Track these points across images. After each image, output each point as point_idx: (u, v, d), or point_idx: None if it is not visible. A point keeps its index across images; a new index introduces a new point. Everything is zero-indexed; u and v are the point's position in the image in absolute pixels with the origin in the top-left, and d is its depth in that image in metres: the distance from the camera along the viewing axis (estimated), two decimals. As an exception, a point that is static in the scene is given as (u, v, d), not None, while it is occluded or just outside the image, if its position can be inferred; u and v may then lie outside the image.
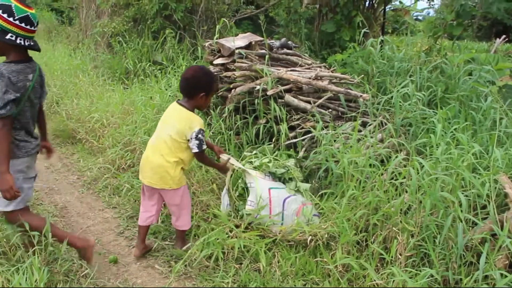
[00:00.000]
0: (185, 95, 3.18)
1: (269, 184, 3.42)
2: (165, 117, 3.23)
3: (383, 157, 3.65)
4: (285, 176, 3.52)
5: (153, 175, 3.14)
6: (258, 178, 3.41)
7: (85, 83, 6.99)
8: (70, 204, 4.31)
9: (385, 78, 4.86)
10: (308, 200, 3.45)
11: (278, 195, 3.36)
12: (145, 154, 3.24)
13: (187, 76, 3.15)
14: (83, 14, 11.38)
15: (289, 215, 3.31)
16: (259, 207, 3.29)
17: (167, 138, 3.08)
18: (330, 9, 8.03)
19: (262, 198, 3.31)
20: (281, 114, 4.01)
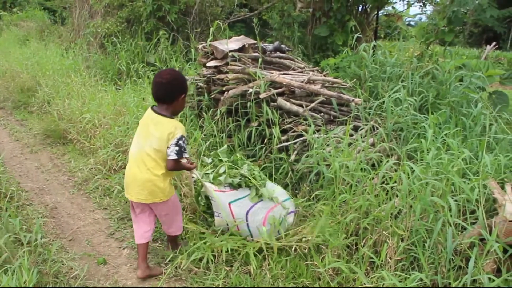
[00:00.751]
0: (165, 100, 2.98)
1: (228, 198, 3.29)
2: (144, 128, 3.01)
3: (374, 161, 3.67)
4: (244, 183, 3.37)
5: (141, 191, 2.98)
6: (216, 193, 3.28)
7: (77, 83, 6.95)
8: (60, 205, 4.28)
9: (377, 82, 4.90)
10: (275, 203, 3.36)
11: (239, 209, 3.26)
12: (129, 170, 3.05)
13: (166, 80, 2.95)
14: (76, 13, 11.33)
15: (254, 227, 3.25)
16: (224, 224, 3.29)
17: (151, 151, 2.92)
18: (323, 13, 8.08)
19: (226, 213, 3.25)
20: (274, 117, 4.02)
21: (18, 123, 6.93)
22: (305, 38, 8.22)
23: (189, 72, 6.07)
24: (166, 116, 2.97)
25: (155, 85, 2.98)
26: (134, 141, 3.05)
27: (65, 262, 3.26)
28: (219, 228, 3.34)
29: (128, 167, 3.07)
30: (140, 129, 3.05)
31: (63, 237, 3.71)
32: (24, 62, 8.71)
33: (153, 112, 2.98)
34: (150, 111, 3.02)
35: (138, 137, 3.03)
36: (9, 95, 7.94)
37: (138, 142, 3.01)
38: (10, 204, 3.90)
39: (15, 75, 8.33)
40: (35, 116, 7.04)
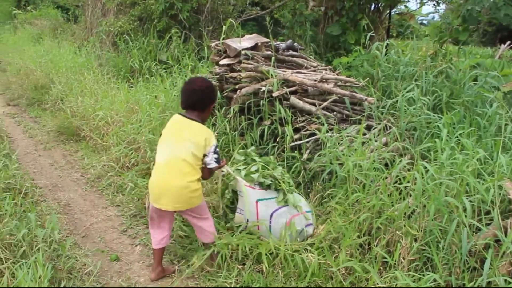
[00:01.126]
0: (196, 107, 3.01)
1: (257, 196, 3.30)
2: (175, 134, 2.97)
3: (387, 161, 3.65)
4: (273, 186, 3.39)
5: (177, 199, 2.92)
6: (246, 188, 3.30)
7: (90, 81, 7.01)
8: (73, 201, 4.32)
9: (390, 82, 4.87)
10: (298, 212, 3.35)
11: (265, 208, 3.28)
12: (159, 179, 2.96)
13: (199, 88, 3.00)
14: (89, 12, 11.40)
15: (277, 229, 3.24)
16: (245, 222, 3.28)
17: (188, 155, 2.87)
18: (336, 11, 8.04)
19: (249, 210, 3.25)
20: (286, 115, 4.01)
21: (32, 120, 7.01)
22: (317, 37, 8.19)
23: (201, 70, 6.08)
24: (199, 122, 2.99)
25: (188, 92, 3.00)
26: (162, 149, 2.98)
27: (79, 258, 3.29)
28: (237, 225, 3.35)
29: (157, 177, 2.98)
30: (170, 135, 2.99)
31: (76, 233, 3.75)
32: (38, 60, 8.80)
33: (185, 118, 2.98)
34: (179, 117, 3.02)
35: (168, 144, 2.96)
36: (23, 93, 8.03)
37: (168, 148, 2.94)
38: (25, 200, 3.94)
39: (29, 73, 8.42)
40: (49, 113, 7.11)
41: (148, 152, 4.44)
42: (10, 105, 7.87)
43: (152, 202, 3.01)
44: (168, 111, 4.94)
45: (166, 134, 3.01)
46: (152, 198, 3.00)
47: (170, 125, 3.05)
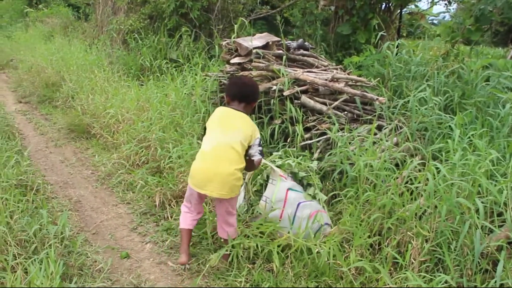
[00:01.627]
0: (247, 100, 3.13)
1: (289, 185, 3.42)
2: (226, 122, 3.02)
3: (398, 161, 3.64)
4: (305, 180, 3.51)
5: (223, 186, 2.92)
6: (281, 178, 3.43)
7: (100, 78, 7.04)
8: (84, 198, 4.34)
9: (401, 81, 4.85)
10: (323, 209, 3.44)
11: (294, 197, 3.37)
12: (207, 164, 2.96)
13: (250, 83, 3.25)
14: (100, 10, 11.45)
15: (300, 217, 3.30)
16: (271, 209, 3.30)
17: (236, 144, 2.92)
18: (346, 11, 8.01)
19: (277, 198, 3.32)
20: (297, 115, 4.01)
21: (43, 117, 7.05)
22: (327, 36, 8.16)
23: (212, 69, 6.09)
24: (248, 115, 3.11)
25: (239, 85, 3.18)
26: (210, 138, 3.01)
27: (90, 255, 3.30)
28: (257, 214, 3.44)
29: (204, 162, 2.99)
30: (218, 125, 3.02)
31: (87, 230, 3.76)
32: (49, 58, 8.85)
33: (232, 109, 3.07)
34: (226, 109, 3.11)
35: (216, 133, 2.99)
36: (35, 90, 8.08)
37: (217, 136, 2.98)
38: (36, 197, 3.97)
39: (41, 70, 8.48)
40: (60, 110, 7.15)
41: (159, 150, 4.46)
42: (21, 102, 7.93)
43: (195, 187, 3.02)
44: (178, 109, 4.96)
45: (214, 124, 3.05)
46: (196, 184, 3.01)
47: (218, 116, 3.09)
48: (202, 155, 3.01)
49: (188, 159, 4.05)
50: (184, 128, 4.65)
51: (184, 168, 4.04)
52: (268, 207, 3.37)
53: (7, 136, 5.47)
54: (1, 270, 2.84)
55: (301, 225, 3.20)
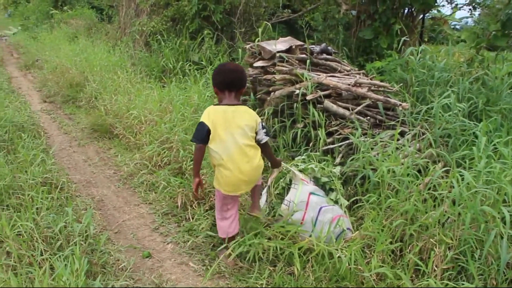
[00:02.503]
0: (233, 89, 3.05)
1: (311, 189, 3.45)
2: (229, 125, 2.97)
3: (420, 167, 3.61)
4: (328, 185, 3.52)
5: (253, 180, 3.13)
6: (303, 181, 3.45)
7: (123, 79, 7.14)
8: (106, 198, 4.41)
9: (424, 87, 4.81)
10: (345, 214, 3.44)
11: (316, 201, 3.38)
12: (237, 171, 3.00)
13: (236, 68, 3.14)
14: (123, 12, 11.60)
15: (322, 221, 3.30)
16: (292, 211, 3.32)
17: (247, 139, 2.99)
18: (369, 15, 7.97)
19: (300, 201, 3.33)
20: (320, 119, 4.01)
21: (66, 117, 7.17)
22: (349, 41, 8.13)
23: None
24: (240, 104, 3.09)
25: (230, 73, 3.08)
26: (223, 147, 2.98)
27: (112, 254, 3.35)
28: (278, 216, 3.46)
29: (233, 170, 3.00)
30: (224, 129, 2.97)
31: (109, 229, 3.82)
32: (73, 58, 9.00)
33: (227, 106, 3.01)
34: (223, 109, 3.01)
35: (227, 140, 2.97)
36: (59, 90, 8.22)
37: (228, 145, 2.97)
38: (61, 195, 4.05)
39: (65, 71, 8.62)
40: (83, 110, 7.27)
41: (181, 151, 4.50)
42: (46, 101, 8.07)
43: (229, 192, 3.09)
44: (200, 111, 5.00)
45: (220, 130, 2.97)
46: (230, 190, 3.08)
47: (219, 121, 2.98)
48: (227, 164, 3.00)
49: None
50: (206, 130, 4.68)
51: (206, 170, 4.07)
52: (290, 210, 3.38)
53: (33, 135, 5.57)
54: (29, 265, 2.91)
55: (323, 229, 3.21)
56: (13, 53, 13.91)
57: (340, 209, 3.43)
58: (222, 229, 3.23)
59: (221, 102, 3.09)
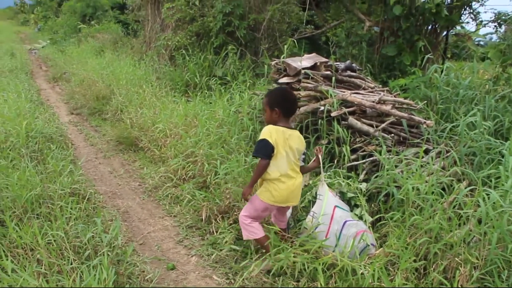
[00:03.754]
0: (294, 114, 3.45)
1: (336, 202, 3.47)
2: (289, 145, 3.22)
3: (445, 185, 3.60)
4: (353, 201, 3.54)
5: (299, 195, 3.37)
6: (329, 193, 3.48)
7: (148, 93, 7.28)
8: (131, 209, 4.48)
9: (448, 105, 4.80)
10: (369, 230, 3.44)
11: (341, 215, 3.39)
12: (288, 185, 3.24)
13: (296, 98, 3.46)
14: (148, 27, 11.85)
15: (346, 235, 3.31)
16: (317, 223, 3.34)
17: (295, 159, 3.27)
18: (392, 32, 7.99)
19: (324, 213, 3.36)
20: (344, 136, 4.03)
21: (93, 129, 7.33)
22: (372, 57, 8.15)
23: (258, 87, 6.19)
24: (295, 129, 3.39)
25: (295, 102, 3.39)
26: (283, 163, 3.22)
27: (138, 265, 3.41)
28: (303, 229, 3.49)
29: (286, 186, 3.23)
30: (284, 148, 3.20)
31: (134, 240, 3.88)
32: (100, 72, 9.22)
33: (286, 128, 3.24)
34: (284, 130, 3.22)
35: (285, 157, 3.21)
36: (86, 102, 8.41)
37: (286, 162, 3.23)
38: (88, 205, 4.14)
39: (92, 84, 8.83)
40: (109, 123, 7.42)
41: (206, 165, 4.56)
42: (73, 113, 8.27)
43: (280, 203, 3.28)
44: (225, 126, 5.07)
45: (281, 148, 3.20)
46: (281, 201, 3.27)
47: (281, 140, 3.20)
48: (282, 178, 3.23)
49: (235, 176, 4.14)
50: (231, 145, 4.75)
51: (231, 184, 4.12)
52: (315, 222, 3.41)
53: (61, 146, 5.71)
54: (58, 274, 2.98)
55: (346, 243, 3.22)
56: (41, 66, 14.28)
57: (364, 224, 3.44)
58: (252, 230, 3.33)
59: (275, 123, 3.25)
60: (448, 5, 7.93)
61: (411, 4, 7.67)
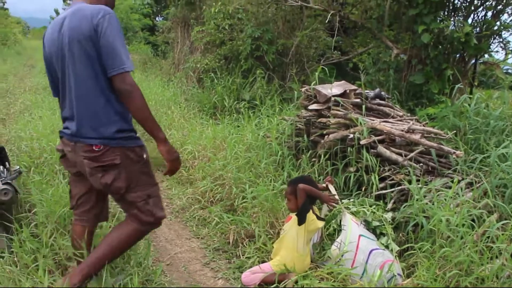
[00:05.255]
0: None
1: (361, 231, 3.46)
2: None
3: (475, 217, 3.56)
4: (378, 229, 3.53)
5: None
6: (352, 223, 3.48)
7: (177, 115, 7.41)
8: (159, 230, 4.50)
9: (478, 135, 4.77)
10: (395, 260, 3.42)
11: (366, 244, 3.38)
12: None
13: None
14: (177, 49, 12.13)
15: (372, 265, 3.30)
16: (343, 252, 3.34)
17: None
18: (420, 60, 8.00)
19: (350, 242, 3.35)
20: (372, 164, 4.05)
21: (121, 148, 7.45)
22: (399, 84, 8.15)
23: (287, 113, 6.26)
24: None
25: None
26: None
27: (166, 285, 3.45)
28: (327, 258, 3.49)
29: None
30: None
31: (162, 260, 3.92)
32: (130, 92, 9.40)
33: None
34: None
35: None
36: (115, 121, 8.56)
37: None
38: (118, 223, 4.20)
39: (122, 104, 9.00)
40: (138, 142, 7.53)
41: (234, 189, 4.60)
42: (103, 132, 8.42)
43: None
44: (253, 150, 5.13)
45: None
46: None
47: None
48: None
49: (263, 201, 4.17)
50: (259, 170, 4.80)
51: (258, 209, 4.15)
52: (340, 251, 3.40)
53: (91, 164, 5.83)
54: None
55: (374, 273, 3.20)
56: (72, 84, 14.61)
57: (390, 254, 3.42)
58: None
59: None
60: (477, 34, 7.91)
61: (440, 33, 7.69)
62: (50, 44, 2.68)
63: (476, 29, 8.36)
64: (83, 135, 2.60)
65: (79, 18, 2.50)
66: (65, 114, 2.76)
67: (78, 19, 2.49)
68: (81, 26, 2.47)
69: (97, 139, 2.58)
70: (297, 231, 3.34)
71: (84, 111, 2.59)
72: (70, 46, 2.51)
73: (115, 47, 2.47)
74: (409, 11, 7.73)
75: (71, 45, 2.50)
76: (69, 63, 2.55)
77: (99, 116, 2.58)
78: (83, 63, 2.51)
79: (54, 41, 2.62)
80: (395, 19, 9.07)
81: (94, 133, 2.58)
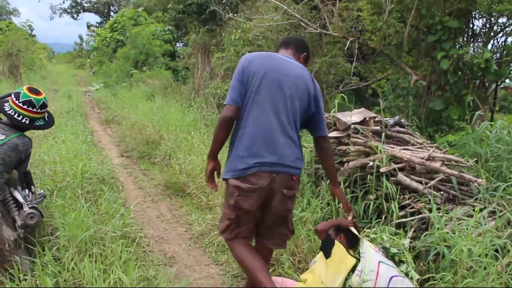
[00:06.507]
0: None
1: (380, 258, 3.43)
2: None
3: (498, 247, 3.50)
4: (397, 256, 3.49)
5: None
6: (370, 249, 3.46)
7: (197, 140, 7.49)
8: (178, 255, 4.55)
9: (500, 163, 4.71)
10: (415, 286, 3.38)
11: (386, 271, 3.35)
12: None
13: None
14: (197, 74, 12.34)
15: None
16: (363, 281, 3.31)
17: None
18: (439, 86, 7.99)
19: (370, 270, 3.33)
20: (393, 192, 4.03)
21: (141, 172, 7.57)
22: (418, 111, 8.14)
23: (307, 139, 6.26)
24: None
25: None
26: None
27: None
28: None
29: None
30: None
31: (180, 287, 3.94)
32: (150, 116, 9.58)
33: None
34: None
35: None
36: (136, 146, 8.71)
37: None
38: (137, 249, 4.25)
39: (142, 128, 9.17)
40: (157, 167, 7.64)
41: (252, 216, 4.61)
42: (123, 156, 8.57)
43: None
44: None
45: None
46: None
47: None
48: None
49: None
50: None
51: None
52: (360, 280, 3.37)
53: (112, 188, 5.92)
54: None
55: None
56: (95, 108, 14.97)
57: (410, 282, 3.37)
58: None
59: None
60: (497, 59, 7.89)
61: (459, 59, 7.69)
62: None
63: (496, 54, 8.35)
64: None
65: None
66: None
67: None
68: None
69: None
70: (326, 265, 3.42)
71: None
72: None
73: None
74: (428, 37, 7.77)
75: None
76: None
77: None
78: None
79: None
80: (414, 45, 9.12)
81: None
